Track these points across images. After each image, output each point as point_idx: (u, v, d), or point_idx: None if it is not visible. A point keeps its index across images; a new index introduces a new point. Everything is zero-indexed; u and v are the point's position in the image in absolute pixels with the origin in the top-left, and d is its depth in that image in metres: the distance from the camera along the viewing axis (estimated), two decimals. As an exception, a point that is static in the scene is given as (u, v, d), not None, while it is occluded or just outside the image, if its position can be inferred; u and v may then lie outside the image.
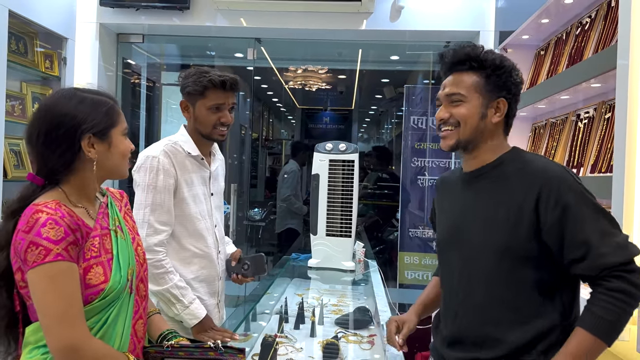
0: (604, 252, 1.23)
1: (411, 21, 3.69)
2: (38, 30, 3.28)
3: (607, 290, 1.23)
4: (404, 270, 4.28)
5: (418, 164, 4.37)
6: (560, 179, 1.29)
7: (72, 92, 1.25)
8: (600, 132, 2.07)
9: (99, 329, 1.20)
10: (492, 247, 1.35)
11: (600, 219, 1.26)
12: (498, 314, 1.36)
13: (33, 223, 1.12)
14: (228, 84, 1.87)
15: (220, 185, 2.09)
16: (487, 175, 1.42)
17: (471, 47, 1.43)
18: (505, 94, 1.41)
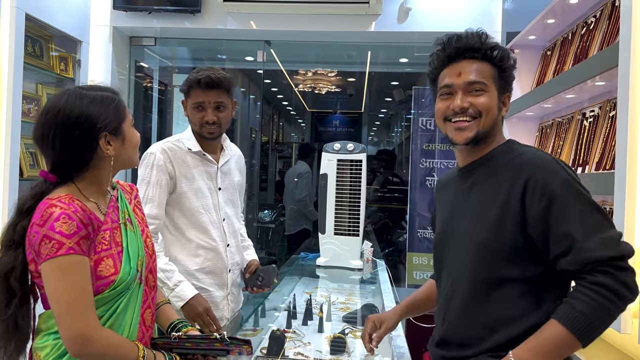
0: (588, 247, 1.15)
1: (419, 22, 3.73)
2: (53, 33, 3.36)
3: (590, 283, 1.14)
4: (413, 270, 4.30)
5: (427, 165, 4.39)
6: (548, 169, 1.22)
7: (78, 92, 1.27)
8: (605, 129, 2.09)
9: (108, 317, 1.24)
10: (477, 243, 1.29)
11: (589, 213, 1.18)
12: (483, 315, 1.29)
13: (47, 217, 1.16)
14: (203, 82, 1.90)
15: (232, 180, 2.13)
16: (478, 169, 1.37)
17: (484, 34, 1.36)
18: (509, 89, 1.39)
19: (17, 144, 2.87)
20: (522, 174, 1.24)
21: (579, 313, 1.13)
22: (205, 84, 1.91)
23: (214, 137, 2.00)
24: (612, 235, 1.18)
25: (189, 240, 1.97)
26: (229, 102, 2.00)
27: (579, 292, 1.15)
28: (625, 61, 1.67)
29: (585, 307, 1.13)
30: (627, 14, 1.67)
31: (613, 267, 1.13)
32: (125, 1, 3.76)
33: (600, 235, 1.16)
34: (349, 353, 1.95)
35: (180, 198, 1.95)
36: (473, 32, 1.36)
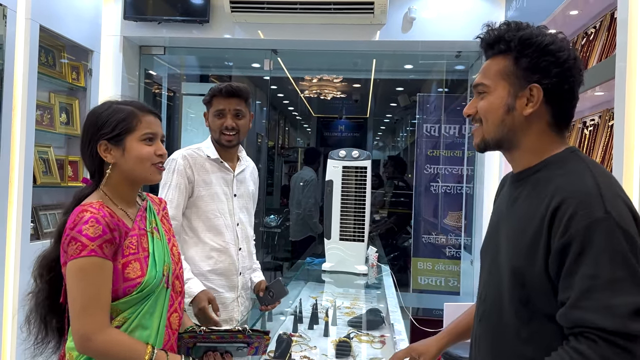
0: (583, 305, 0.96)
1: (423, 32, 3.78)
2: (66, 43, 3.45)
3: (570, 348, 0.97)
4: (417, 275, 4.35)
5: (431, 171, 4.44)
6: (582, 201, 1.00)
7: (106, 102, 1.40)
8: (605, 138, 2.13)
9: (134, 318, 1.31)
10: (511, 268, 1.10)
11: (610, 266, 0.95)
12: (510, 347, 1.12)
13: (78, 220, 1.25)
14: (224, 90, 2.07)
15: (247, 189, 2.24)
16: (526, 180, 1.16)
17: (505, 26, 1.16)
18: (539, 78, 1.11)
19: (31, 152, 2.95)
20: (556, 198, 1.03)
21: None
22: (227, 92, 2.07)
23: (232, 144, 2.12)
24: (624, 303, 0.94)
25: (204, 242, 2.07)
26: (247, 111, 2.13)
27: (557, 354, 1.00)
28: (621, 71, 1.72)
29: None
30: (624, 25, 1.72)
31: (604, 340, 0.94)
32: (136, 12, 3.84)
33: (607, 298, 0.94)
34: (354, 357, 2.00)
35: (198, 201, 2.07)
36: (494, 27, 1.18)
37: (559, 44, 1.12)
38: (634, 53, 1.67)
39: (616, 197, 1.02)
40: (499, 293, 1.14)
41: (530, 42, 1.11)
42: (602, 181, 1.03)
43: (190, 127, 5.13)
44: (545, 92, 1.11)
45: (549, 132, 1.14)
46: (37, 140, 3.05)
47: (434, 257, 4.36)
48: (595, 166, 1.09)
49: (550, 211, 1.02)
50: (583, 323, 0.96)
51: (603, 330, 0.94)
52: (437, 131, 4.47)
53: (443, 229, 4.40)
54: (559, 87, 1.11)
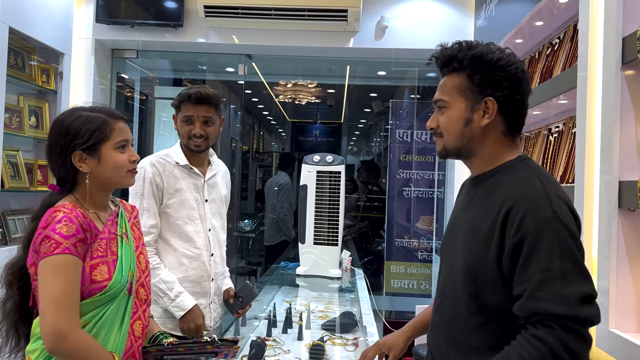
0: (539, 296, 1.05)
1: (395, 40, 3.86)
2: (35, 45, 3.39)
3: (530, 335, 1.06)
4: (390, 279, 4.40)
5: (404, 176, 4.51)
6: (532, 203, 1.11)
7: (73, 110, 1.39)
8: (568, 145, 2.21)
9: (96, 322, 1.30)
10: (464, 265, 1.22)
11: (557, 260, 1.06)
12: (459, 338, 1.23)
13: (51, 220, 1.25)
14: (193, 97, 2.03)
15: (219, 193, 2.22)
16: (482, 183, 1.27)
17: (456, 45, 1.26)
18: (492, 91, 1.21)
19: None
20: (507, 202, 1.14)
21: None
22: (195, 99, 2.03)
23: (200, 150, 2.09)
24: (575, 292, 1.05)
25: (174, 249, 2.05)
26: (216, 118, 2.10)
27: (517, 342, 1.08)
28: (582, 80, 1.79)
29: (518, 358, 1.06)
30: (584, 36, 1.80)
31: (560, 325, 1.04)
32: (108, 15, 3.81)
33: (559, 289, 1.05)
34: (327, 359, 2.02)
35: (167, 209, 2.05)
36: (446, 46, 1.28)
37: (507, 59, 1.22)
38: (594, 63, 1.75)
39: (560, 199, 1.13)
40: (454, 287, 1.25)
41: (481, 60, 1.22)
42: (548, 186, 1.15)
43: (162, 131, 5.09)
44: (498, 103, 1.22)
45: (503, 140, 1.26)
46: (5, 144, 3.00)
47: (406, 261, 4.42)
48: (542, 172, 1.21)
49: (503, 213, 1.13)
50: (540, 311, 1.05)
51: (558, 316, 1.04)
52: (410, 137, 4.54)
53: (415, 233, 4.47)
54: (511, 98, 1.22)
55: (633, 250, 1.48)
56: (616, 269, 1.49)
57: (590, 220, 1.71)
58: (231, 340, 1.43)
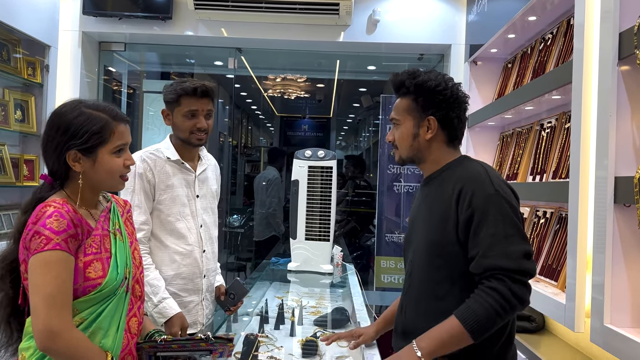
0: (490, 255, 1.33)
1: (386, 34, 3.84)
2: (21, 37, 3.32)
3: (486, 287, 1.32)
4: (381, 274, 4.40)
5: (394, 171, 4.50)
6: (478, 183, 1.40)
7: (75, 105, 1.33)
8: (561, 140, 2.22)
9: (93, 320, 1.28)
10: (427, 243, 1.48)
11: (502, 226, 1.34)
12: (430, 308, 1.47)
13: (41, 215, 1.22)
14: (199, 90, 1.98)
15: (210, 189, 2.19)
16: (434, 180, 1.56)
17: (404, 74, 1.56)
18: (433, 112, 1.52)
19: (-16, 150, 2.83)
20: (458, 185, 1.43)
21: (472, 311, 1.32)
22: (201, 93, 1.99)
23: (201, 143, 2.07)
24: (517, 250, 1.33)
25: (166, 246, 2.02)
26: (213, 110, 2.08)
27: (475, 294, 1.34)
28: (578, 75, 1.79)
29: (477, 306, 1.32)
30: (580, 31, 1.80)
31: (508, 277, 1.31)
32: (95, 7, 3.74)
33: (505, 247, 1.33)
34: (320, 356, 2.01)
35: (159, 205, 2.01)
36: (397, 74, 1.57)
37: (444, 85, 1.52)
38: (589, 58, 1.75)
39: (500, 179, 1.44)
40: (420, 267, 1.52)
41: (423, 87, 1.52)
42: (489, 170, 1.46)
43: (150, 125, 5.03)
44: (438, 120, 1.53)
45: (446, 148, 1.57)
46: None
47: (396, 256, 4.42)
48: (484, 162, 1.52)
49: (456, 193, 1.42)
50: (491, 267, 1.33)
51: (506, 269, 1.32)
52: (400, 132, 4.52)
53: (405, 228, 4.47)
54: (448, 116, 1.53)
55: (628, 245, 1.49)
56: (611, 265, 1.49)
57: (585, 215, 1.72)
58: (225, 338, 1.40)
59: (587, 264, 1.71)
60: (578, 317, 1.71)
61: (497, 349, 1.43)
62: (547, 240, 2.20)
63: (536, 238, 2.30)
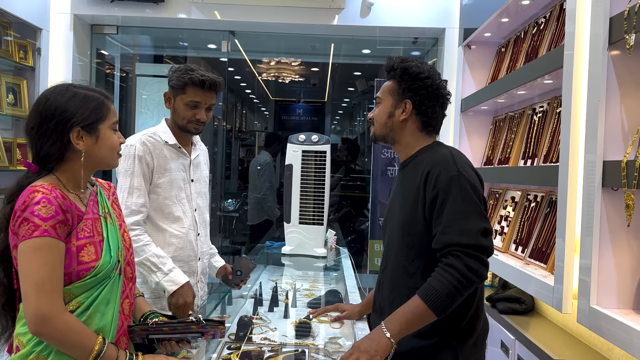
0: (448, 231, 1.41)
1: (381, 17, 3.82)
2: (12, 20, 3.29)
3: (444, 265, 1.40)
4: (374, 257, 4.44)
5: (388, 155, 4.51)
6: (443, 165, 1.49)
7: (66, 87, 1.34)
8: (553, 125, 2.23)
9: (90, 304, 1.29)
10: (401, 223, 1.58)
11: (461, 205, 1.43)
12: (404, 284, 1.56)
13: (29, 201, 1.22)
14: (207, 83, 1.97)
15: (202, 173, 2.21)
16: (408, 166, 1.64)
17: (394, 58, 1.65)
18: (411, 96, 1.61)
19: (-24, 134, 2.82)
20: (426, 168, 1.52)
21: (432, 289, 1.39)
22: (209, 86, 1.98)
23: (197, 132, 2.08)
24: (474, 227, 1.41)
25: (162, 229, 2.04)
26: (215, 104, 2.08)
27: (435, 272, 1.42)
28: (569, 60, 1.80)
29: (437, 284, 1.39)
30: (572, 16, 1.80)
31: (463, 253, 1.39)
32: (87, -12, 3.70)
33: (463, 225, 1.41)
34: (313, 337, 2.04)
35: (157, 188, 2.02)
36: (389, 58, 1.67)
37: (427, 74, 1.61)
38: (580, 42, 1.75)
39: (464, 163, 1.52)
40: (395, 246, 1.60)
41: (408, 72, 1.61)
42: (455, 154, 1.54)
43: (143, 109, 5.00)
44: (414, 106, 1.62)
45: (419, 134, 1.65)
46: (-18, 122, 2.93)
47: (389, 239, 4.45)
48: (452, 147, 1.61)
49: (424, 175, 1.51)
50: (449, 242, 1.41)
51: (463, 245, 1.39)
52: (394, 116, 4.52)
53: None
54: (423, 103, 1.62)
55: (615, 228, 1.51)
56: (598, 247, 1.51)
57: (574, 199, 1.74)
58: (217, 320, 1.42)
59: (575, 247, 1.74)
60: (566, 299, 1.74)
61: (465, 322, 1.50)
62: (537, 224, 2.23)
63: (527, 222, 2.33)
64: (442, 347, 1.49)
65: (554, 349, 1.92)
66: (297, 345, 1.94)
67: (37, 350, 1.26)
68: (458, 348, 1.49)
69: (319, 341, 2.00)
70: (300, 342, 1.98)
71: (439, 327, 1.45)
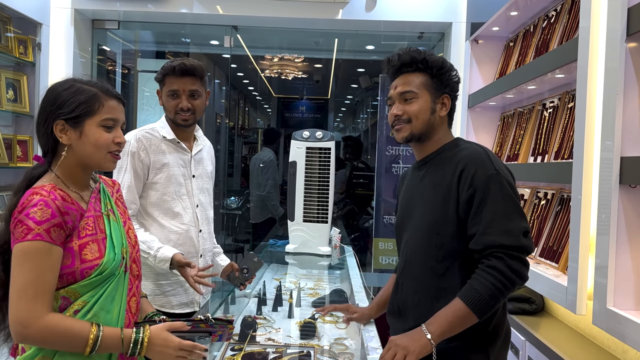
0: (490, 232, 1.38)
1: (386, 12, 3.76)
2: (11, 15, 3.24)
3: (486, 267, 1.37)
4: (379, 255, 4.39)
5: (393, 153, 4.46)
6: (478, 163, 1.44)
7: (66, 80, 1.32)
8: (564, 120, 2.18)
9: (95, 302, 1.26)
10: (427, 222, 1.51)
11: (502, 204, 1.39)
12: (430, 284, 1.50)
13: (27, 203, 1.19)
14: (178, 69, 1.95)
15: (205, 169, 2.17)
16: (431, 162, 1.59)
17: (415, 50, 1.58)
18: (448, 90, 1.58)
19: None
20: (459, 166, 1.47)
21: (475, 291, 1.36)
22: (180, 71, 1.95)
23: (188, 124, 2.03)
24: (516, 228, 1.38)
25: (162, 226, 2.00)
26: (203, 90, 2.03)
27: (477, 274, 1.39)
28: (584, 53, 1.74)
29: (480, 286, 1.36)
30: (587, 8, 1.74)
31: (506, 254, 1.36)
32: (87, -17, 3.65)
33: (504, 225, 1.38)
34: (319, 337, 2.00)
35: (154, 184, 1.99)
36: (407, 50, 1.58)
37: (455, 70, 1.61)
38: (596, 35, 1.70)
39: (499, 161, 1.49)
40: (419, 246, 1.54)
41: (442, 67, 1.57)
42: (488, 151, 1.50)
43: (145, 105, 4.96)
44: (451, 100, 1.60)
45: (446, 128, 1.62)
46: (-19, 118, 2.88)
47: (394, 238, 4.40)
48: (480, 144, 1.57)
49: (458, 173, 1.46)
50: (491, 244, 1.37)
51: (506, 247, 1.36)
52: (399, 112, 4.46)
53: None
54: (455, 98, 1.61)
55: (633, 227, 1.46)
56: (615, 246, 1.46)
57: (588, 196, 1.69)
58: (225, 320, 1.38)
59: (589, 246, 1.69)
60: (580, 300, 1.69)
61: (494, 322, 1.47)
62: (547, 222, 2.17)
63: (537, 220, 2.27)
64: (473, 349, 1.47)
65: (566, 351, 1.87)
66: (302, 347, 1.90)
67: (42, 353, 1.23)
68: (489, 349, 1.47)
69: (325, 342, 1.96)
70: (305, 343, 1.94)
71: (470, 328, 1.41)
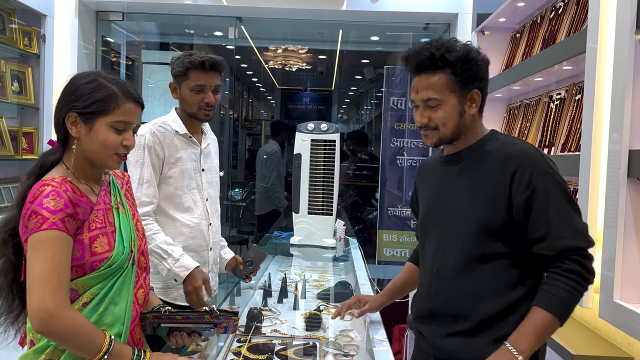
0: (563, 235, 1.32)
1: (391, 2, 3.74)
2: (16, 6, 3.24)
3: (564, 271, 1.31)
4: (383, 247, 4.39)
5: (397, 145, 4.45)
6: (534, 162, 1.35)
7: (92, 73, 1.32)
8: (571, 113, 2.16)
9: (104, 295, 1.27)
10: (472, 221, 1.40)
11: (565, 204, 1.33)
12: (472, 286, 1.41)
13: (38, 194, 1.19)
14: (207, 64, 1.93)
15: (213, 163, 2.18)
16: (468, 156, 1.47)
17: (434, 46, 1.42)
18: (477, 84, 1.43)
19: (-19, 122, 2.78)
20: (511, 164, 1.36)
21: (557, 298, 1.31)
22: (210, 66, 1.94)
23: (209, 119, 2.04)
24: (583, 227, 1.34)
25: (173, 219, 2.01)
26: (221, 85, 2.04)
27: (554, 280, 1.32)
28: (592, 45, 1.73)
29: (561, 292, 1.31)
30: (596, 0, 1.72)
31: (581, 255, 1.32)
32: (91, -26, 3.64)
33: (573, 225, 1.33)
34: (324, 329, 2.00)
35: (168, 179, 1.99)
36: (424, 46, 1.43)
37: (477, 52, 1.43)
38: (604, 27, 1.68)
39: (549, 158, 1.39)
40: (460, 245, 1.43)
41: (467, 59, 1.40)
42: (538, 149, 1.41)
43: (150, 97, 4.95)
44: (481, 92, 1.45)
45: (479, 120, 1.49)
46: (-13, 110, 2.89)
47: (399, 230, 4.41)
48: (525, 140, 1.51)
49: (510, 172, 1.35)
50: (567, 247, 1.31)
51: (581, 249, 1.32)
52: (403, 104, 4.46)
53: (408, 202, 4.44)
54: (486, 86, 1.47)
55: (641, 220, 1.45)
56: (622, 240, 1.46)
57: (596, 189, 1.68)
58: (230, 311, 1.38)
59: (596, 239, 1.68)
60: (587, 293, 1.68)
61: None
62: (554, 215, 2.17)
63: (543, 212, 2.26)
64: None
65: (572, 344, 1.87)
66: (307, 338, 1.91)
67: (53, 344, 1.23)
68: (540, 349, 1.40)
69: (330, 334, 1.97)
70: (310, 335, 1.95)
71: None
